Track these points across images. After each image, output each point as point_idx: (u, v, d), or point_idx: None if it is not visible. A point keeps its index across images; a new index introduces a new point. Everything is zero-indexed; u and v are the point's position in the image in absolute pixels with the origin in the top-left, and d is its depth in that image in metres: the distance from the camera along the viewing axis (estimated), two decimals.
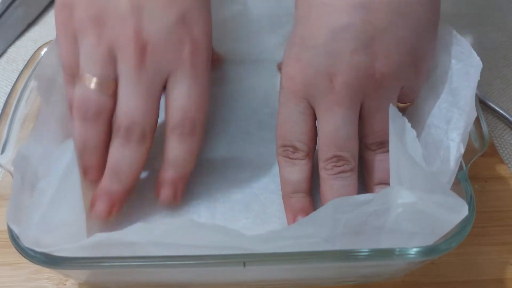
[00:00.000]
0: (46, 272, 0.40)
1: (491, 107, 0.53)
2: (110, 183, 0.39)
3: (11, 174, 0.36)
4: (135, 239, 0.31)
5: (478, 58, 0.36)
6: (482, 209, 0.41)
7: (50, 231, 0.32)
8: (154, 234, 0.30)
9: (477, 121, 0.36)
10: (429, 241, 0.30)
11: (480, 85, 0.36)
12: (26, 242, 0.31)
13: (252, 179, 0.45)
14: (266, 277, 0.36)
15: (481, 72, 0.36)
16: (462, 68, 0.37)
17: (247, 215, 0.42)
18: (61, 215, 0.34)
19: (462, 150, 0.34)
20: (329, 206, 0.30)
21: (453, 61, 0.38)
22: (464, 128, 0.35)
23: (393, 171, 0.36)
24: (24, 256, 0.31)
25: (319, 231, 0.30)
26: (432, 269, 0.39)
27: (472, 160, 0.35)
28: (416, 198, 0.30)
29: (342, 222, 0.30)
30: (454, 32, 0.38)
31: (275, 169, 0.46)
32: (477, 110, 0.36)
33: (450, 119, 0.37)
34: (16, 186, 0.34)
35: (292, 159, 0.40)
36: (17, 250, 0.32)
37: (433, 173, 0.30)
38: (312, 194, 0.41)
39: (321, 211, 0.30)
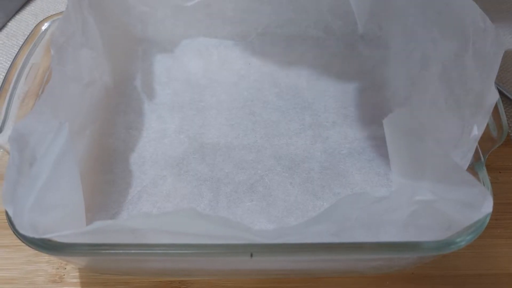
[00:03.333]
0: (47, 255, 0.39)
1: (505, 95, 0.51)
2: None
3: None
4: (137, 226, 0.30)
5: (501, 36, 0.33)
6: (495, 201, 0.39)
7: (46, 213, 0.31)
8: (157, 222, 0.29)
9: (495, 110, 0.35)
10: (443, 235, 0.29)
11: None
12: (20, 225, 0.30)
13: (257, 160, 0.44)
14: (273, 267, 0.36)
15: None
16: (484, 47, 0.35)
17: (252, 197, 0.42)
18: (57, 197, 0.32)
19: (476, 132, 0.33)
20: (342, 203, 0.29)
21: (474, 39, 0.36)
22: (484, 111, 0.33)
23: (400, 164, 0.34)
24: (22, 241, 0.30)
25: (329, 227, 0.29)
26: (442, 262, 0.38)
27: (491, 151, 0.34)
28: (435, 195, 0.28)
29: (354, 217, 0.29)
30: (478, 9, 0.36)
31: (281, 151, 0.45)
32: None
33: (471, 103, 0.35)
34: (12, 166, 0.32)
35: None
36: (15, 234, 0.30)
37: (455, 163, 0.29)
38: None
39: (332, 208, 0.29)
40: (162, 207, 0.41)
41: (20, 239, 0.30)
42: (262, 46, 0.53)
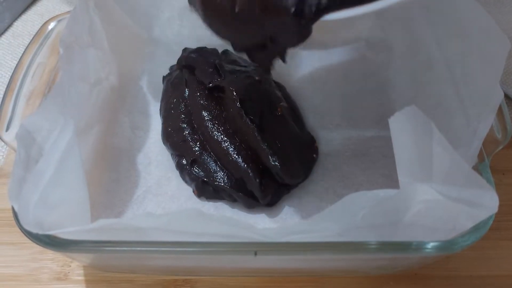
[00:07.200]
0: (51, 253, 0.39)
1: (510, 97, 0.51)
2: None
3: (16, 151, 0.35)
4: (141, 225, 0.30)
5: (505, 36, 0.33)
6: (499, 202, 0.40)
7: (51, 210, 0.31)
8: (162, 221, 0.29)
9: (499, 111, 0.35)
10: (448, 235, 0.29)
11: None
12: (26, 221, 0.30)
13: None
14: (277, 266, 0.36)
15: None
16: (488, 47, 0.35)
17: None
18: (62, 194, 0.33)
19: (481, 132, 0.33)
20: (347, 202, 0.29)
21: (478, 39, 0.36)
22: (488, 111, 0.33)
23: (406, 164, 0.34)
24: (27, 237, 0.31)
25: (334, 226, 0.29)
26: (445, 262, 0.38)
27: (494, 152, 0.34)
28: (440, 195, 0.28)
29: (359, 216, 0.29)
30: (481, 8, 0.35)
31: None
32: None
33: (475, 103, 0.35)
34: (19, 162, 0.32)
35: None
36: (21, 231, 0.31)
37: (462, 163, 0.29)
38: None
39: (337, 206, 0.29)
40: (167, 207, 0.41)
41: (25, 235, 0.30)
42: None
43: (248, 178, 0.40)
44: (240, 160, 0.41)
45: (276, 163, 0.40)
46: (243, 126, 0.41)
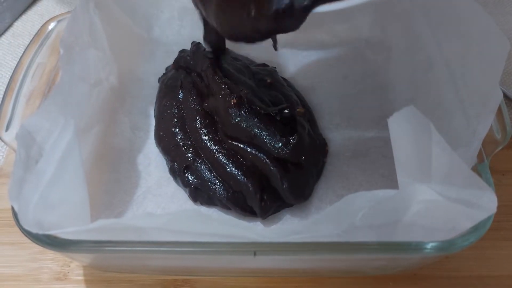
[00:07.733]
0: (51, 253, 0.39)
1: (509, 98, 0.51)
2: None
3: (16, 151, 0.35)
4: (141, 225, 0.30)
5: (505, 37, 0.33)
6: (498, 203, 0.39)
7: (51, 210, 0.32)
8: (161, 221, 0.29)
9: (499, 112, 0.35)
10: (448, 235, 0.29)
11: None
12: (26, 221, 0.30)
13: None
14: (276, 266, 0.36)
15: None
16: (488, 47, 0.35)
17: None
18: (62, 194, 0.33)
19: (481, 132, 0.33)
20: (346, 202, 0.29)
21: (478, 40, 0.36)
22: (488, 111, 0.33)
23: (405, 164, 0.34)
24: (27, 237, 0.31)
25: (333, 226, 0.29)
26: (445, 263, 0.38)
27: (494, 153, 0.34)
28: (439, 195, 0.28)
29: (359, 216, 0.29)
30: (482, 10, 0.35)
31: None
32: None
33: (475, 103, 0.35)
34: (19, 162, 0.32)
35: None
36: (21, 231, 0.31)
37: (461, 163, 0.29)
38: None
39: (337, 207, 0.29)
40: (167, 208, 0.41)
41: (25, 235, 0.30)
42: (267, 48, 0.53)
43: (248, 192, 0.39)
44: (239, 173, 0.40)
45: (286, 186, 0.38)
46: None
